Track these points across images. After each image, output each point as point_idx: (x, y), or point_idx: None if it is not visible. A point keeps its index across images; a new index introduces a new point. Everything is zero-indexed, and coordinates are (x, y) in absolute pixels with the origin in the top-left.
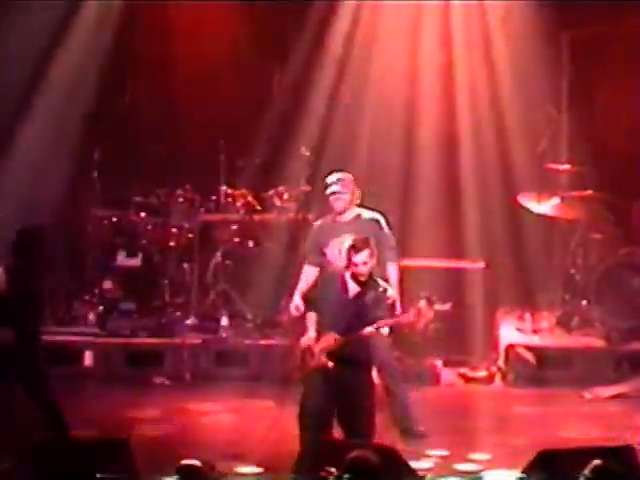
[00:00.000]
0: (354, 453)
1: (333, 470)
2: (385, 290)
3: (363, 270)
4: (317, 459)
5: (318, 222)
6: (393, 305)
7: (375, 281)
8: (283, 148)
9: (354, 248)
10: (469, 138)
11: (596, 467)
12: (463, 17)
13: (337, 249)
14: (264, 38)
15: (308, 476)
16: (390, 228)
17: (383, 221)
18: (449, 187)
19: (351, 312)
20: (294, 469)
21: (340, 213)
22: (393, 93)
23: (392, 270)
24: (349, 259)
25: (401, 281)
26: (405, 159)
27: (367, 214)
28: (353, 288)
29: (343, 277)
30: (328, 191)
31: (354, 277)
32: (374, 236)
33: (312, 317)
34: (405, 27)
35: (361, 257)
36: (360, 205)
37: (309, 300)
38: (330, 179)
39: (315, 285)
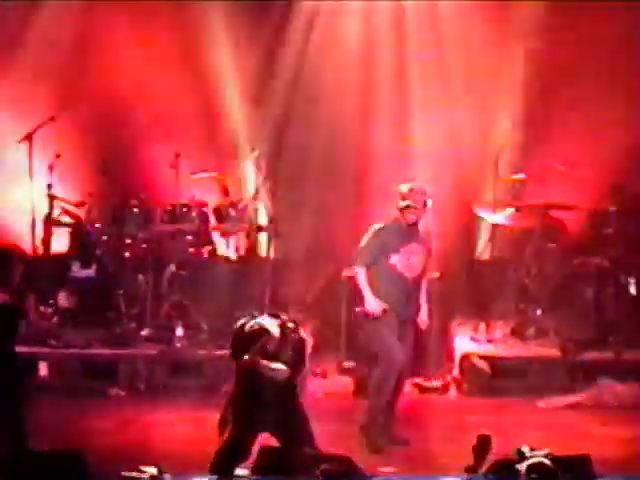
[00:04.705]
0: (327, 464)
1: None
2: (295, 329)
3: None
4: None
5: (381, 225)
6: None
7: (283, 321)
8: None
9: None
10: (424, 148)
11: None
12: (417, 22)
13: (407, 258)
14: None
15: None
16: None
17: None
18: None
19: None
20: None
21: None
22: (348, 101)
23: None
24: None
25: None
26: (358, 164)
27: (423, 224)
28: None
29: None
30: (402, 204)
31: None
32: (429, 247)
33: None
34: (361, 32)
35: None
36: None
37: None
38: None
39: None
